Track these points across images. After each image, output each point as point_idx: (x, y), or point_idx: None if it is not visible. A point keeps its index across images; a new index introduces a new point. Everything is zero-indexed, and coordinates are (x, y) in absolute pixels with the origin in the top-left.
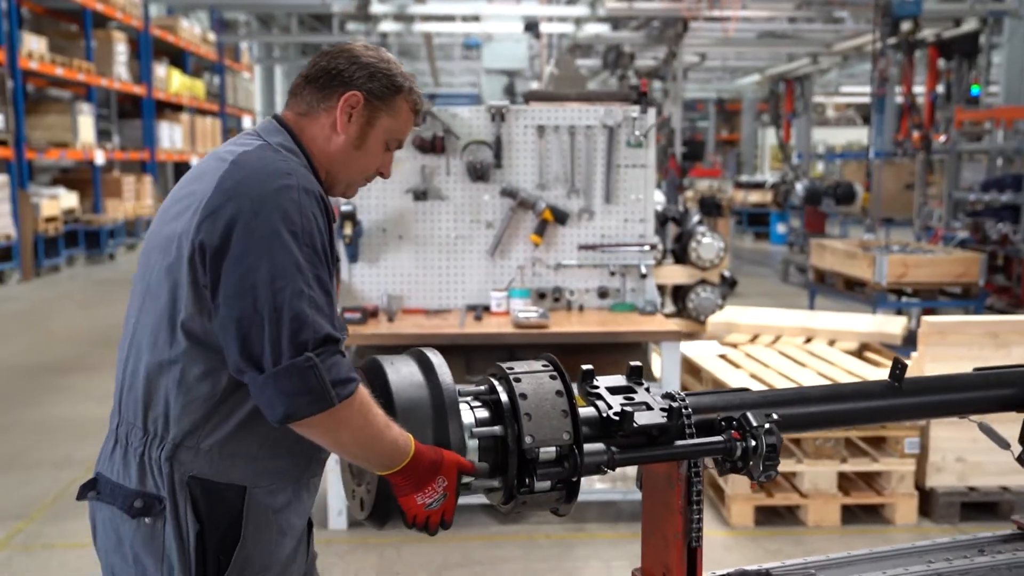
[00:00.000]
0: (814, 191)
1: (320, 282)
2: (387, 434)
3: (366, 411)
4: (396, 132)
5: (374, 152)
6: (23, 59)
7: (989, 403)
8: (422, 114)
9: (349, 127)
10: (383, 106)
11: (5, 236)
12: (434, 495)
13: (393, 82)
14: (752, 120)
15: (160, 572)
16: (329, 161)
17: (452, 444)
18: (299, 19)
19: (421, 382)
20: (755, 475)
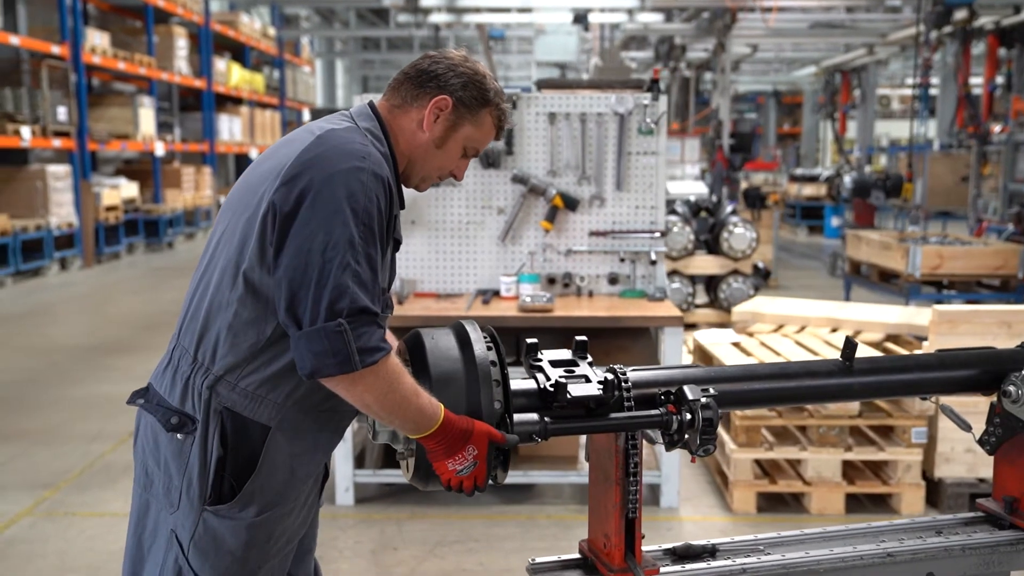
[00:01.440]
0: (862, 183)
1: (369, 260)
2: (414, 401)
3: (393, 379)
4: (476, 141)
5: (452, 154)
6: (86, 54)
7: (947, 384)
8: (505, 131)
9: (435, 127)
10: (469, 115)
11: (67, 224)
12: (464, 462)
13: (484, 95)
14: (813, 113)
15: (181, 483)
16: (411, 154)
17: (484, 414)
18: (357, 13)
19: (457, 355)
20: (693, 449)
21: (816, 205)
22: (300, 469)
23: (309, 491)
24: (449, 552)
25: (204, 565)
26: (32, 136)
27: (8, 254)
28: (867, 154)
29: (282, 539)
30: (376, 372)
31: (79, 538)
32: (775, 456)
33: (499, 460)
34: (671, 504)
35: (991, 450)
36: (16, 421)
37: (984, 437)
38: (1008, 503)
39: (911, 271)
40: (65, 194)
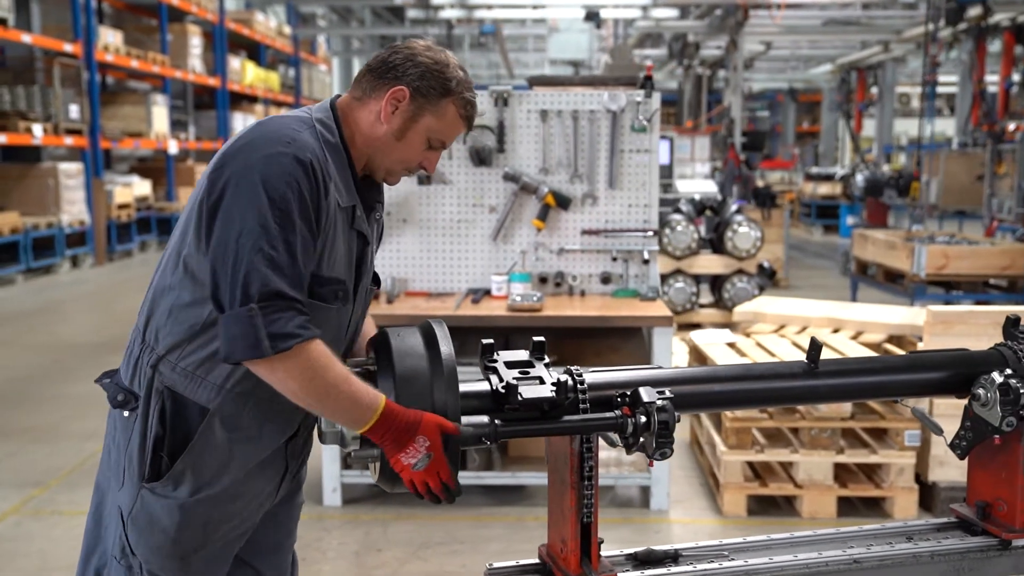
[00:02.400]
0: (875, 182)
1: (287, 245)
2: (344, 389)
3: (317, 366)
4: (440, 132)
5: (414, 147)
6: (99, 52)
7: (916, 387)
8: (472, 122)
9: (393, 118)
10: (428, 105)
11: (79, 222)
12: (417, 455)
13: (444, 85)
14: (830, 111)
15: (122, 460)
16: (369, 146)
17: (449, 413)
18: (374, 12)
19: (422, 353)
20: (649, 452)
21: (832, 204)
22: (240, 457)
23: (263, 484)
24: (433, 554)
25: (139, 541)
26: (44, 134)
27: (19, 251)
28: (885, 153)
29: (224, 527)
30: (294, 357)
31: (64, 537)
32: (766, 458)
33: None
34: (660, 506)
35: (962, 454)
36: (15, 418)
37: (955, 441)
38: (980, 508)
39: (916, 271)
40: (77, 192)
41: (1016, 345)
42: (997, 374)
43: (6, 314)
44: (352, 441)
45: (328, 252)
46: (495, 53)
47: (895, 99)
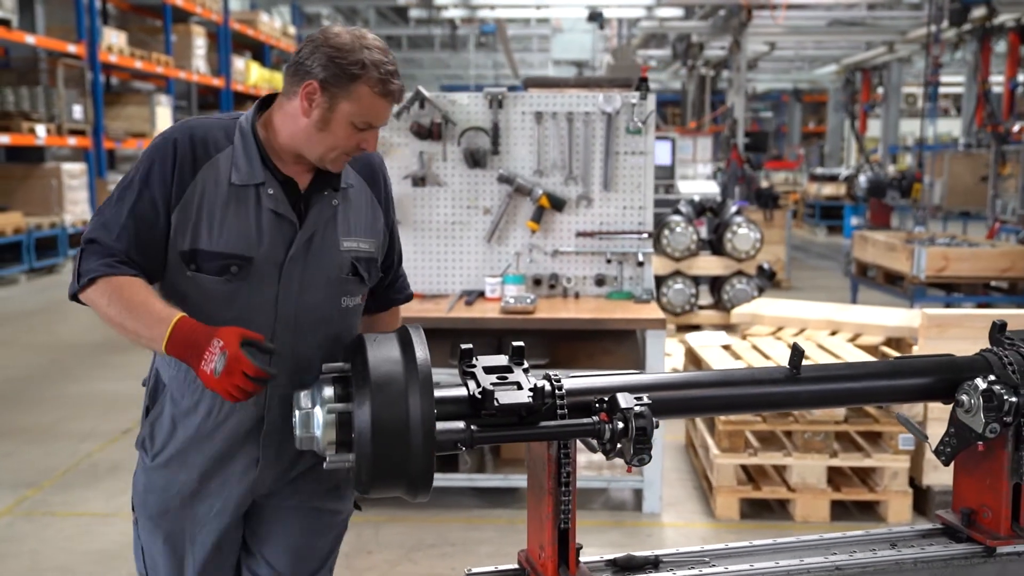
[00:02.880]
0: (877, 183)
1: (120, 202)
2: (141, 309)
3: (112, 291)
4: (360, 116)
5: (340, 133)
6: (103, 53)
7: (900, 393)
8: (397, 95)
9: (311, 112)
10: (340, 93)
11: (82, 222)
12: (213, 357)
13: (348, 71)
14: (836, 111)
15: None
16: (295, 138)
17: (423, 417)
18: (378, 12)
19: (398, 358)
20: (627, 458)
21: (836, 205)
22: (183, 430)
23: (231, 469)
24: (423, 557)
25: (134, 499)
26: (47, 134)
27: (22, 251)
28: (891, 153)
29: (188, 500)
30: (98, 287)
31: (55, 538)
32: (759, 461)
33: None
34: (653, 510)
35: (946, 461)
36: (12, 418)
37: (940, 447)
38: (965, 515)
39: (916, 273)
40: (80, 192)
41: (1002, 351)
42: (981, 380)
43: (7, 314)
44: (327, 447)
45: (208, 224)
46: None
47: (901, 99)
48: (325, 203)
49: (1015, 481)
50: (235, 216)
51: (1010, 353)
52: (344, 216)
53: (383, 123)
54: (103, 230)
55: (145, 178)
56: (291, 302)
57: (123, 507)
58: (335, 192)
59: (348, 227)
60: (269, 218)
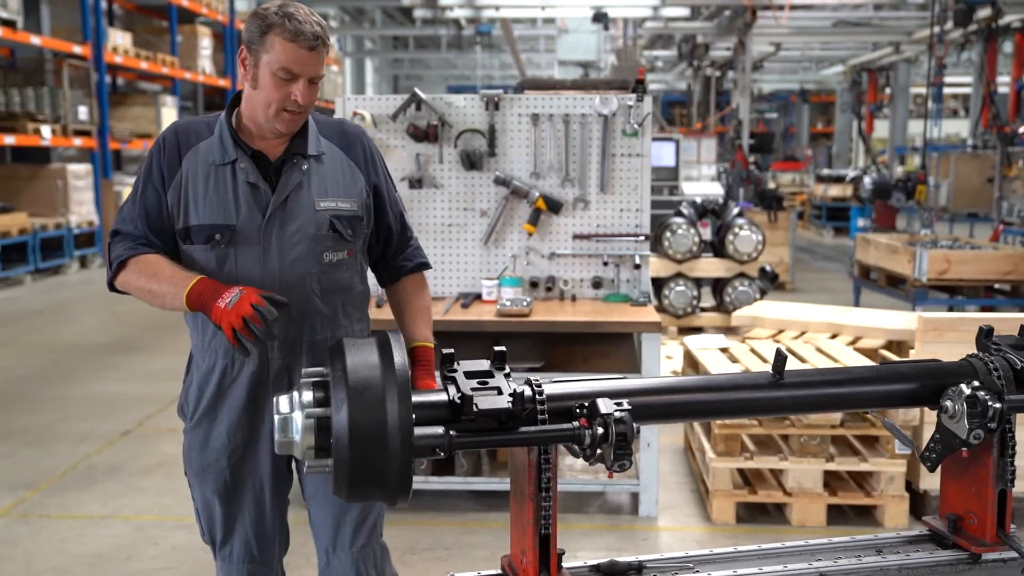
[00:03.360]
0: (883, 185)
1: (133, 198)
2: (166, 275)
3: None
4: (280, 63)
5: (267, 87)
6: (108, 54)
7: (885, 398)
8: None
9: (247, 76)
10: (259, 47)
11: (88, 223)
12: (230, 295)
13: (261, 25)
14: (844, 112)
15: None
16: (246, 109)
17: (400, 421)
18: (385, 12)
19: (376, 363)
20: (608, 464)
21: (842, 206)
22: (208, 390)
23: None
24: (418, 560)
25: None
26: (53, 135)
27: (27, 252)
28: (898, 154)
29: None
30: (125, 268)
31: (50, 541)
32: (755, 465)
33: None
34: (649, 513)
35: (932, 467)
36: (12, 419)
37: (925, 453)
38: (951, 521)
39: (917, 276)
40: (86, 192)
41: (988, 356)
42: (965, 386)
43: (12, 314)
44: (307, 452)
45: (194, 202)
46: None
47: (910, 100)
48: (295, 169)
49: (1000, 487)
50: (215, 191)
51: (996, 359)
52: (320, 179)
53: (307, 72)
54: (123, 222)
55: (147, 172)
56: (274, 261)
57: (120, 510)
58: (304, 159)
59: (325, 189)
60: (244, 189)
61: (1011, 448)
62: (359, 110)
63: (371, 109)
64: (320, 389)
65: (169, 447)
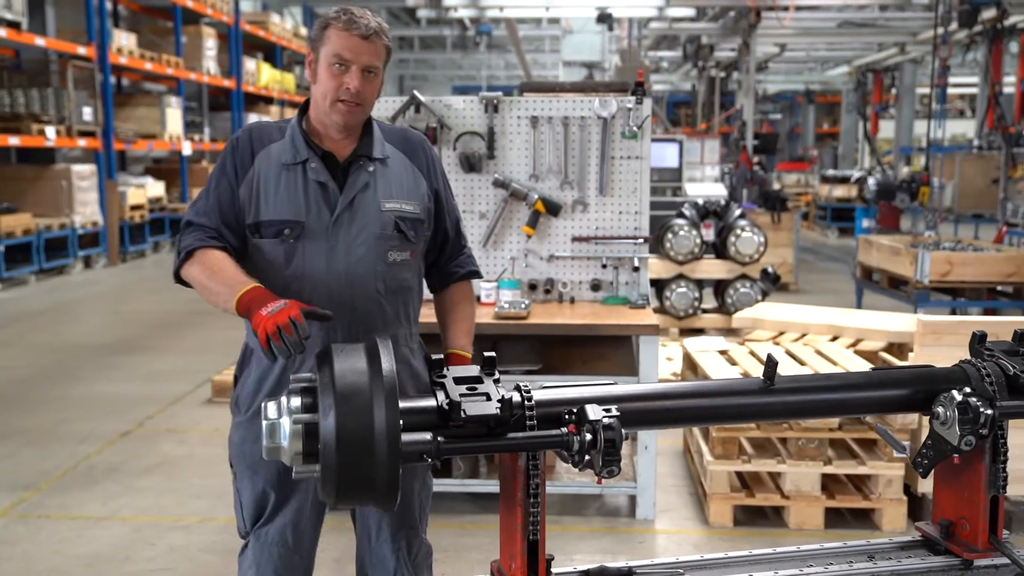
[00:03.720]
0: (887, 186)
1: (207, 192)
2: (224, 275)
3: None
4: (334, 53)
5: (324, 78)
6: (113, 55)
7: (876, 404)
8: (363, 29)
9: (310, 74)
10: (319, 44)
11: (92, 223)
12: (275, 304)
13: (321, 23)
14: (848, 112)
15: None
16: (313, 109)
17: (388, 427)
18: (390, 12)
19: (364, 369)
20: (596, 470)
21: (847, 207)
22: (267, 385)
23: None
24: None
25: (231, 456)
26: (57, 136)
27: (32, 252)
28: (904, 155)
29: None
30: (191, 259)
31: (49, 541)
32: (752, 468)
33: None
34: (646, 516)
35: (924, 473)
36: (13, 419)
37: (917, 459)
38: (944, 527)
39: (919, 278)
40: (90, 193)
41: (980, 362)
42: (956, 392)
43: (15, 314)
44: (295, 458)
45: (265, 198)
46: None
47: (916, 100)
48: (361, 171)
49: (992, 494)
50: (286, 189)
51: (989, 364)
52: (384, 182)
53: (360, 60)
54: (196, 214)
55: (221, 168)
56: (340, 258)
57: (118, 510)
58: (370, 160)
59: (390, 191)
60: (314, 187)
61: (1003, 454)
62: None
63: (375, 112)
64: (308, 395)
65: (169, 447)
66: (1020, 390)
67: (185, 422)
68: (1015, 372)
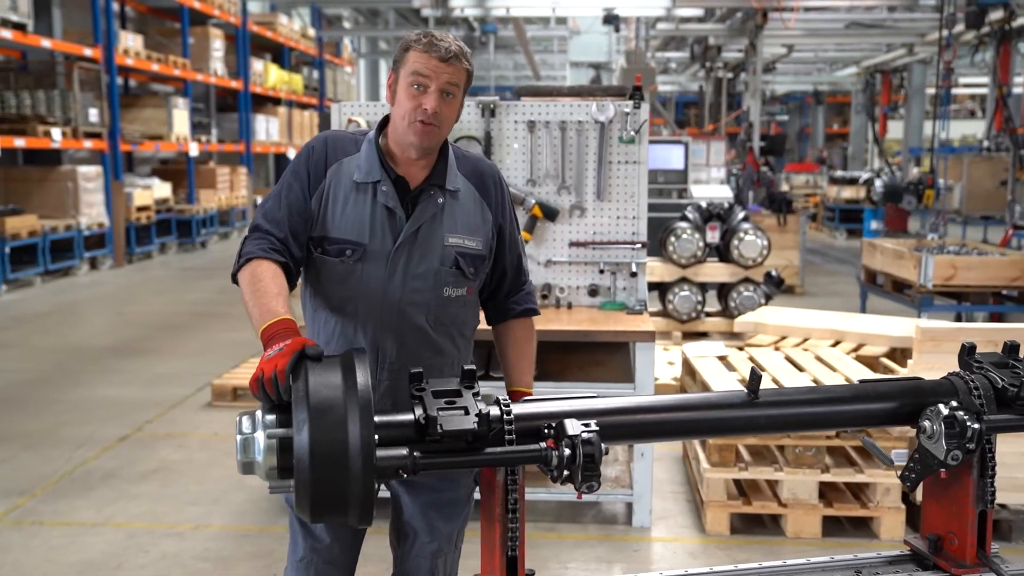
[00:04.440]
0: (893, 187)
1: (278, 195)
2: (264, 299)
3: (253, 275)
4: (412, 74)
5: (402, 98)
6: (119, 56)
7: (862, 418)
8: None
9: (391, 96)
10: (400, 66)
11: (98, 224)
12: (276, 347)
13: (403, 45)
14: (858, 113)
15: None
16: (390, 130)
17: (362, 443)
18: (399, 13)
19: (338, 383)
20: (576, 485)
21: (856, 208)
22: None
23: None
24: None
25: None
26: (63, 137)
27: (37, 254)
28: (913, 156)
29: None
30: (243, 270)
31: (40, 548)
32: (749, 476)
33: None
34: (642, 523)
35: (911, 487)
36: (12, 423)
37: (905, 473)
38: (932, 542)
39: (923, 282)
40: (96, 194)
41: (969, 375)
42: (943, 406)
43: (20, 316)
44: (270, 473)
45: (332, 214)
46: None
47: (926, 101)
48: (431, 201)
49: (980, 508)
50: (354, 208)
51: (977, 377)
52: (451, 215)
53: (438, 80)
54: (266, 219)
55: (294, 174)
56: (397, 287)
57: (113, 516)
58: (441, 191)
59: (455, 225)
60: (382, 211)
61: (991, 468)
62: (354, 117)
63: (366, 115)
64: (283, 409)
65: (167, 452)
66: (1009, 403)
67: (184, 426)
68: (1004, 385)
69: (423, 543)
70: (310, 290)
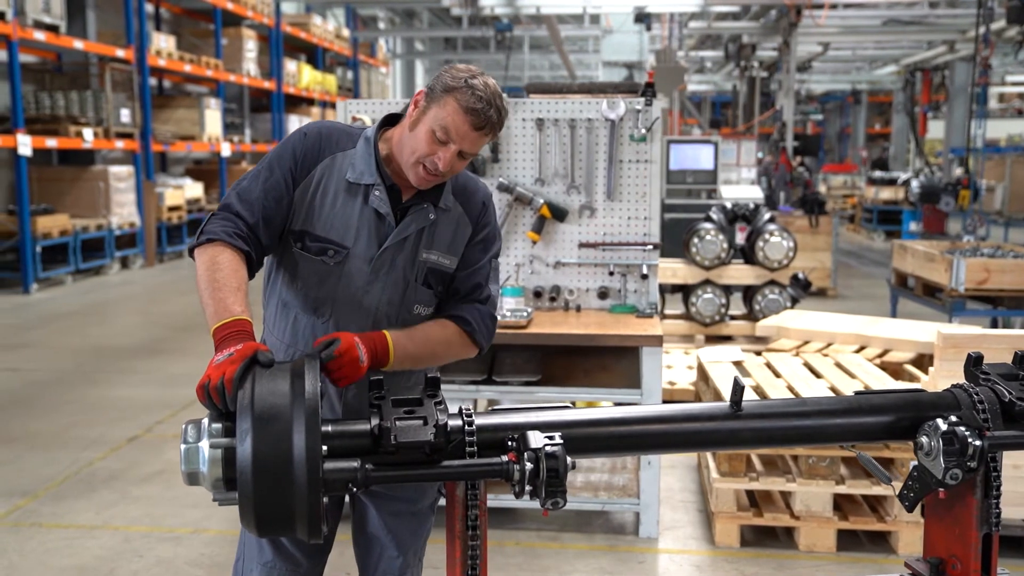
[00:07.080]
0: (931, 188)
1: (256, 175)
2: (221, 293)
3: (212, 263)
4: (441, 122)
5: (421, 137)
6: (151, 57)
7: (854, 432)
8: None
9: (412, 115)
10: (434, 99)
11: (129, 224)
12: (226, 352)
13: (449, 84)
14: (898, 112)
15: None
16: (396, 147)
17: (307, 454)
18: (433, 14)
19: (285, 391)
20: (541, 501)
21: (894, 209)
22: None
23: None
24: None
25: None
26: (95, 138)
27: (68, 253)
28: (957, 156)
29: None
30: (205, 248)
31: (36, 552)
32: (760, 487)
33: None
34: (650, 534)
35: (910, 506)
36: (24, 423)
37: (903, 491)
38: (933, 566)
39: (954, 285)
40: (127, 194)
41: (973, 387)
42: (941, 421)
43: (47, 315)
44: (216, 484)
45: (319, 210)
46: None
47: (969, 100)
48: (422, 214)
49: (985, 531)
50: (342, 208)
51: (983, 390)
52: (432, 231)
53: (462, 145)
54: (239, 200)
55: (278, 157)
56: (374, 296)
57: (111, 519)
58: (434, 208)
59: (433, 241)
60: (370, 216)
61: (996, 488)
62: (359, 115)
63: (371, 114)
64: (231, 418)
65: (173, 454)
66: (1016, 419)
67: None
68: (1011, 399)
69: (390, 558)
70: (282, 283)
